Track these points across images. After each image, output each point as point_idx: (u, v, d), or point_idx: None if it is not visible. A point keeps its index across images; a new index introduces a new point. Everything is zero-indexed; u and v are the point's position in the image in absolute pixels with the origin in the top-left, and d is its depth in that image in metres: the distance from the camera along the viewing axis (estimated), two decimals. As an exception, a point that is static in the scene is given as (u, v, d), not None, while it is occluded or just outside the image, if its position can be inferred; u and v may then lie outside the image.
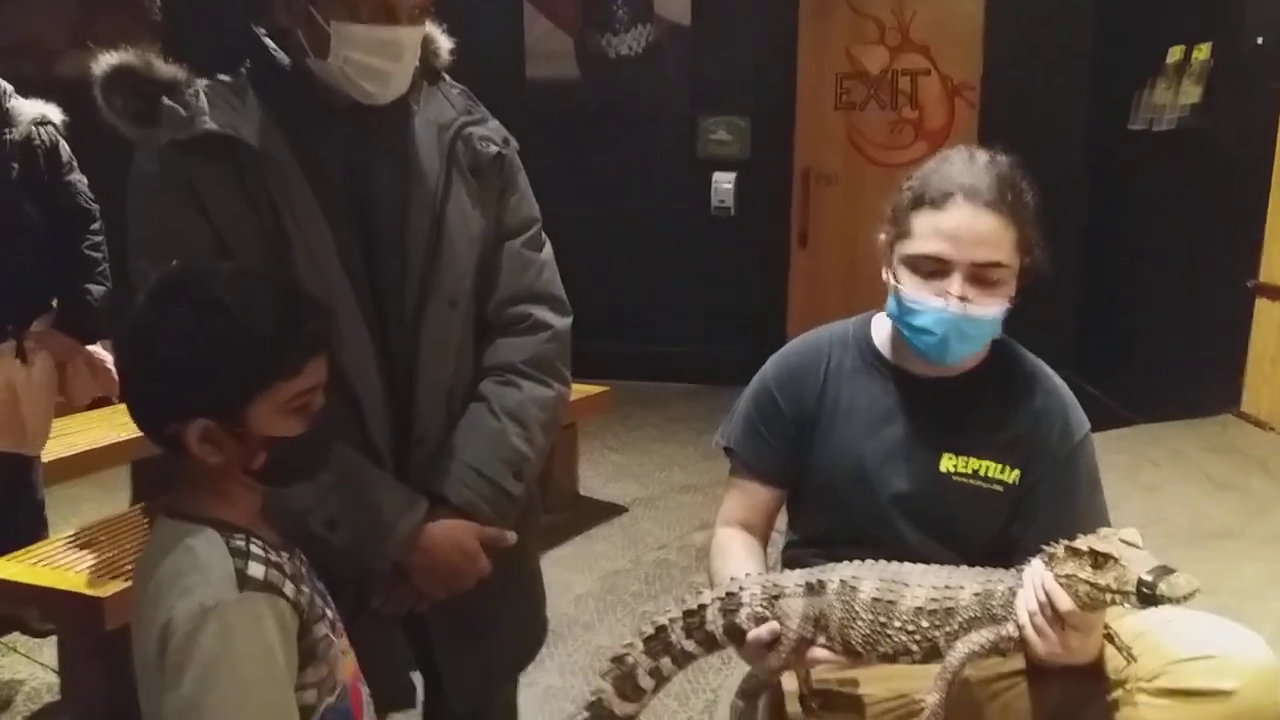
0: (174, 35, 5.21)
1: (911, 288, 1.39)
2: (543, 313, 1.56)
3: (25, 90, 2.66)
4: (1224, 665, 1.22)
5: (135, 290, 1.29)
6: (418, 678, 1.65)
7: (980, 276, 1.36)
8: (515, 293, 1.55)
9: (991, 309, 1.37)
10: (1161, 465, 2.98)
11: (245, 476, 1.14)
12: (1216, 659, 1.23)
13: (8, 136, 2.54)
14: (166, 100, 1.37)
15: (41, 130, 2.59)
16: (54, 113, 2.62)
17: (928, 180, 1.40)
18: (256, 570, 1.09)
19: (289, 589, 1.11)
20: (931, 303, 1.37)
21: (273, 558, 1.13)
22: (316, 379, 1.15)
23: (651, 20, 5.39)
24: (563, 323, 1.59)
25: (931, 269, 1.37)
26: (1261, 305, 3.24)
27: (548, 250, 1.62)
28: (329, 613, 1.21)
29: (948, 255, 1.36)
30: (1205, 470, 2.92)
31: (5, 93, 2.58)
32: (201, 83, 1.42)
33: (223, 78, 1.45)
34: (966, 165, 1.39)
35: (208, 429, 1.09)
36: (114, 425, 3.10)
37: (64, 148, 2.64)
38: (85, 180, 2.70)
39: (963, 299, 1.35)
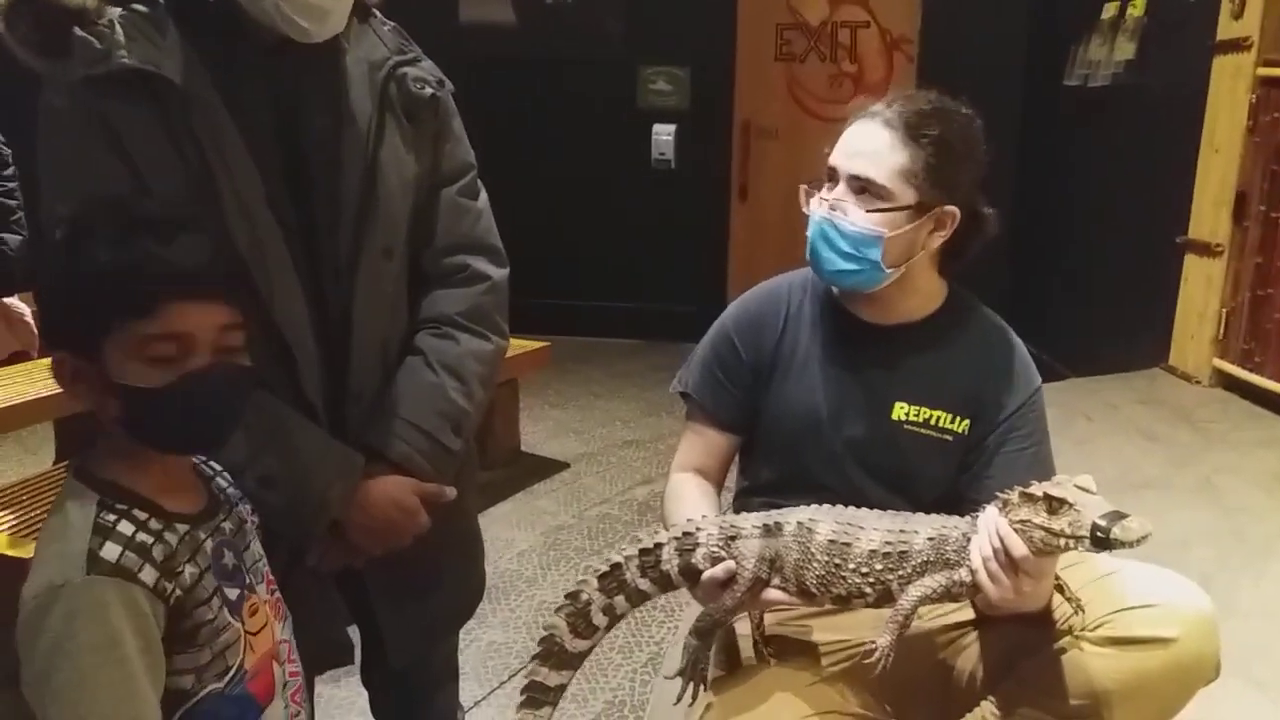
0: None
1: (813, 202, 1.43)
2: (480, 263, 1.52)
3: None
4: (1165, 614, 1.25)
5: (49, 235, 1.22)
6: (355, 634, 1.63)
7: (858, 189, 1.38)
8: (452, 242, 1.50)
9: (856, 223, 1.38)
10: (1094, 419, 3.05)
11: (115, 428, 1.09)
12: (1158, 607, 1.25)
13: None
14: (78, 31, 1.27)
15: (-55, 68, 2.45)
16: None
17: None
18: (111, 551, 1.03)
19: (147, 573, 1.05)
20: (813, 208, 1.42)
21: (140, 537, 1.06)
22: (172, 327, 1.06)
23: (590, -35, 5.28)
24: (500, 274, 1.54)
25: (830, 181, 1.42)
26: (1190, 261, 3.32)
27: (483, 198, 1.56)
28: (233, 592, 1.16)
29: (834, 163, 1.41)
30: (1135, 423, 3.00)
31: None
32: (115, 12, 1.31)
33: (138, 7, 1.33)
34: (894, 96, 1.42)
35: (69, 364, 1.06)
36: (33, 380, 2.98)
37: (-27, 89, 2.50)
38: (-2, 131, 2.56)
39: (832, 205, 1.39)
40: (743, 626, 1.47)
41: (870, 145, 1.38)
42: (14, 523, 2.14)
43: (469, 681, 2.29)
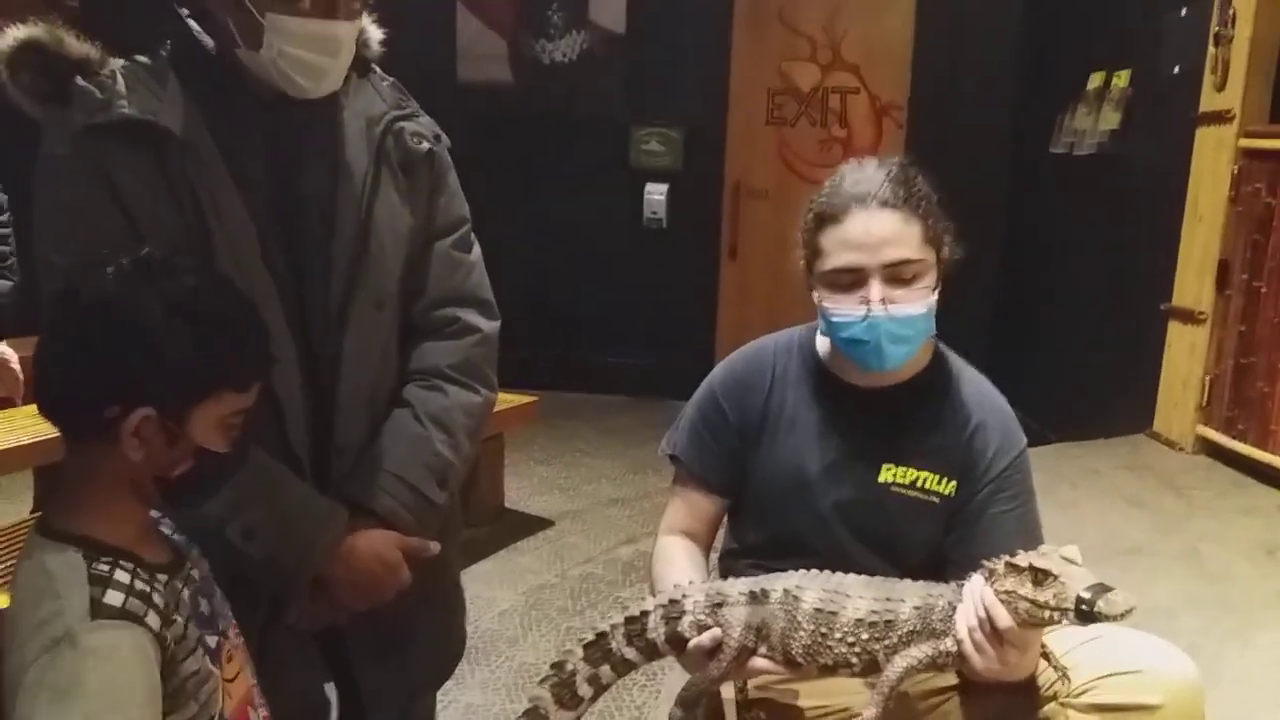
0: (87, 10, 5.02)
1: (834, 303, 1.40)
2: (471, 316, 1.53)
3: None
4: (1150, 680, 1.25)
5: (43, 282, 1.23)
6: (332, 691, 1.60)
7: (895, 276, 1.37)
8: (443, 295, 1.51)
9: (915, 305, 1.38)
10: (1078, 485, 3.05)
11: (148, 486, 1.09)
12: (1142, 674, 1.25)
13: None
14: (80, 81, 1.29)
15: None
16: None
17: (827, 199, 1.41)
18: (114, 598, 1.03)
19: (152, 619, 1.05)
20: (856, 312, 1.38)
21: (138, 585, 1.06)
22: (250, 402, 1.14)
23: (586, 27, 5.37)
24: (491, 326, 1.55)
25: (849, 281, 1.38)
26: (1174, 328, 3.34)
27: (476, 252, 1.58)
28: (212, 640, 1.15)
29: (859, 263, 1.37)
30: (1119, 489, 3.00)
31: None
32: (117, 63, 1.34)
33: (141, 59, 1.37)
34: (856, 174, 1.42)
35: (148, 420, 1.05)
36: (14, 428, 2.96)
37: (-32, 135, 2.52)
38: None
39: (884, 301, 1.36)
40: (727, 691, 1.45)
41: (889, 229, 1.37)
42: (-11, 570, 2.11)
43: (446, 743, 2.25)
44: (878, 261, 1.36)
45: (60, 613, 1.01)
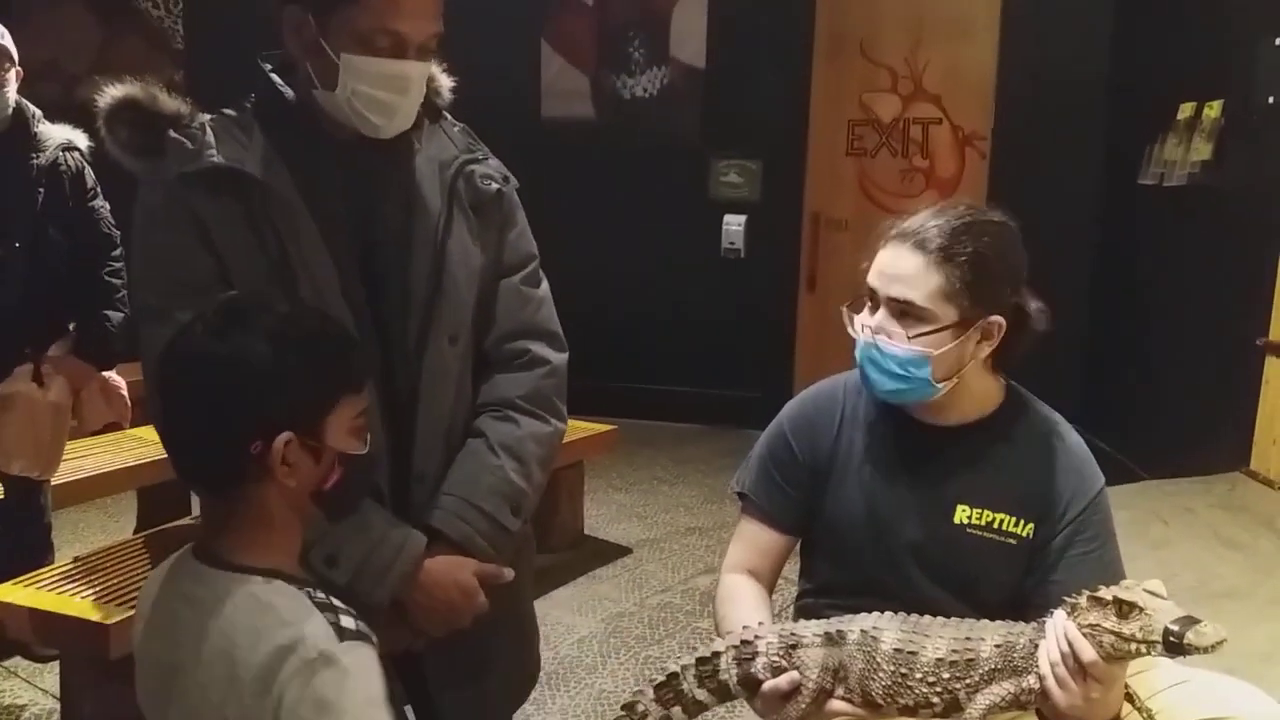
0: (195, 61, 5.28)
1: (857, 322, 1.47)
2: (540, 348, 1.57)
3: (49, 114, 2.69)
4: (1238, 728, 1.22)
5: (139, 323, 1.32)
6: (411, 716, 1.64)
7: (902, 313, 1.40)
8: (513, 328, 1.56)
9: (899, 346, 1.39)
10: (1170, 523, 2.96)
11: (307, 506, 1.16)
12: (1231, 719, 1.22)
13: (35, 161, 2.57)
14: (173, 133, 1.39)
15: (68, 156, 2.62)
16: (80, 139, 2.65)
17: (893, 224, 1.45)
18: (349, 622, 1.11)
19: (374, 640, 1.13)
20: (857, 334, 1.44)
21: (349, 608, 1.14)
22: (365, 400, 1.20)
23: (667, 62, 5.45)
24: (560, 358, 1.60)
25: (871, 302, 1.44)
26: (1271, 363, 3.24)
27: (545, 287, 1.63)
28: None
29: (874, 286, 1.43)
30: (1214, 529, 2.91)
31: (34, 116, 2.62)
32: (206, 117, 1.43)
33: (228, 111, 1.46)
34: (923, 213, 1.44)
35: (290, 444, 1.11)
36: (120, 450, 3.11)
37: (89, 174, 2.67)
38: (108, 206, 2.73)
39: (876, 330, 1.40)
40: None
41: (906, 269, 1.38)
42: (99, 589, 2.21)
43: (526, 768, 2.28)
44: (885, 293, 1.41)
45: (302, 638, 1.07)
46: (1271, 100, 3.28)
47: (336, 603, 1.13)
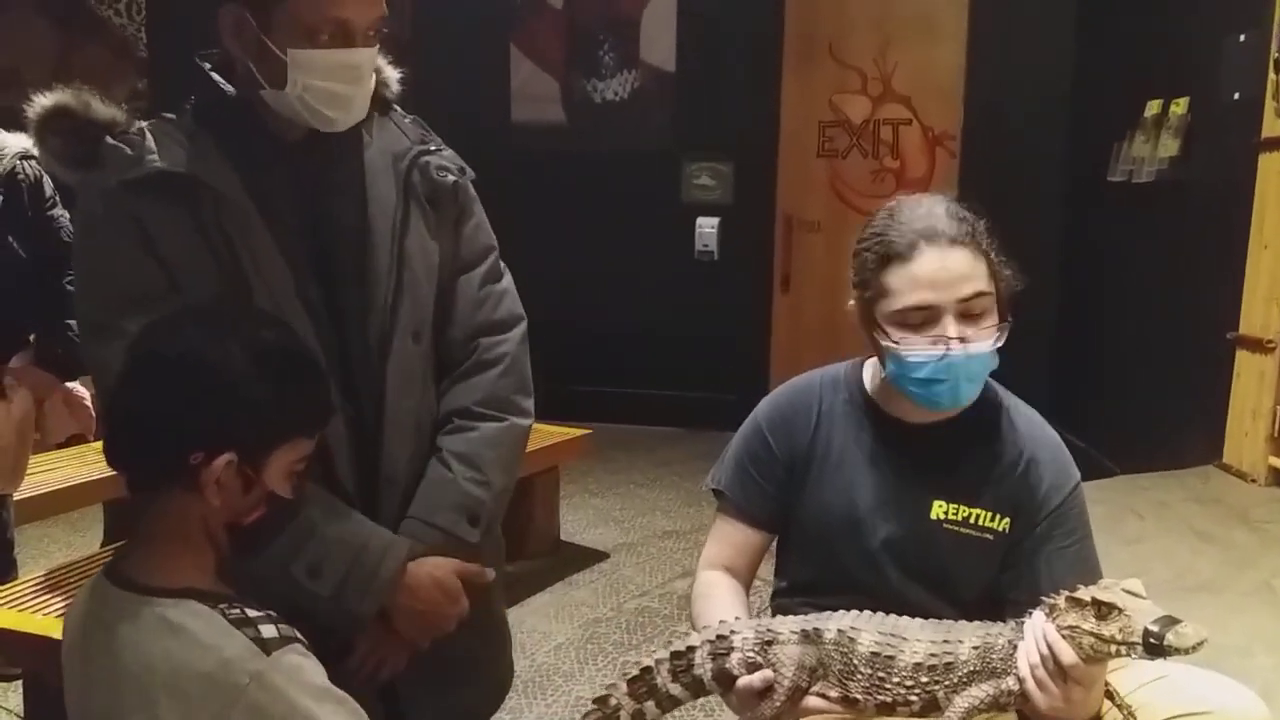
0: (159, 70, 5.21)
1: (908, 344, 1.36)
2: (497, 346, 1.55)
3: (7, 123, 2.64)
4: (1219, 722, 1.21)
5: (82, 339, 1.28)
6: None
7: (967, 312, 1.36)
8: (472, 330, 1.54)
9: (987, 342, 1.36)
10: (1145, 517, 2.98)
11: (221, 533, 1.13)
12: (1213, 715, 1.21)
13: (-9, 170, 2.51)
14: (110, 140, 1.34)
15: (26, 165, 2.57)
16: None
17: (886, 237, 1.39)
18: (268, 631, 1.08)
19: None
20: (932, 351, 1.35)
21: (268, 614, 1.11)
22: (312, 449, 1.19)
23: (637, 66, 5.44)
24: (517, 345, 1.56)
25: (921, 319, 1.36)
26: (1242, 357, 3.26)
27: (507, 279, 1.60)
28: None
29: (933, 301, 1.35)
30: (1188, 522, 2.92)
31: (-11, 126, 2.56)
32: (144, 122, 1.38)
33: (167, 115, 1.41)
34: (916, 210, 1.40)
35: (230, 465, 1.09)
36: (85, 463, 3.05)
37: (47, 183, 2.62)
38: (67, 215, 2.67)
39: (961, 340, 1.34)
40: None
41: (963, 266, 1.36)
42: (64, 606, 2.16)
43: (503, 777, 2.25)
44: (952, 298, 1.35)
45: (227, 662, 1.04)
46: (1237, 96, 3.31)
47: (251, 613, 1.10)
